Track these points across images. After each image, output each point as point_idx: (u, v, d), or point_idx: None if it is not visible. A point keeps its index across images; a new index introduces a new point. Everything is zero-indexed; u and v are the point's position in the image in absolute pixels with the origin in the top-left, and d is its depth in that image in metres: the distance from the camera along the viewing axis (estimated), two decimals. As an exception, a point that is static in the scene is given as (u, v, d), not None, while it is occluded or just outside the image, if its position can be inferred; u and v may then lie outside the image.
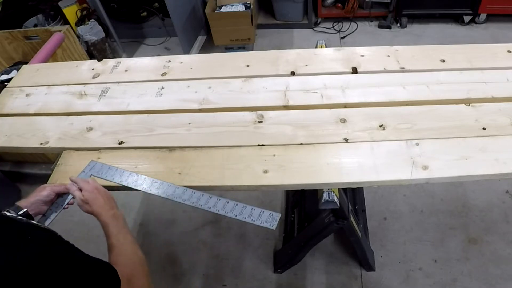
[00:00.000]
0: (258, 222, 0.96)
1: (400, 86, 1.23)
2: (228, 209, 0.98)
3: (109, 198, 0.96)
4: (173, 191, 1.00)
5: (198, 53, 3.30)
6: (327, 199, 1.09)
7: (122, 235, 0.88)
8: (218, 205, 0.98)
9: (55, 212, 0.99)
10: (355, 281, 1.77)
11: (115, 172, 1.06)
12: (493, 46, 1.39)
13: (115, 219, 0.91)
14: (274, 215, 0.96)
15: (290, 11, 3.39)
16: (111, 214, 0.92)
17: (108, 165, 1.08)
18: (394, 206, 2.03)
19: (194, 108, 1.25)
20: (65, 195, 1.02)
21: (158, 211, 2.16)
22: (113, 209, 0.93)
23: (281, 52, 1.44)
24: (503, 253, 1.80)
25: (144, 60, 1.49)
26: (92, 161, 1.10)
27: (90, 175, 1.06)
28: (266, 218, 0.96)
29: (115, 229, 0.89)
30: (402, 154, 1.03)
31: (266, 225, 0.95)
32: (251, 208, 0.97)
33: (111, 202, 0.95)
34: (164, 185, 1.02)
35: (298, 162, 1.04)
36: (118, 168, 1.07)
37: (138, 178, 1.05)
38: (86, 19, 2.97)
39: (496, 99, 1.18)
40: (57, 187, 1.01)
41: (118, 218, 0.92)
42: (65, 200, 1.01)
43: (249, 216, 0.96)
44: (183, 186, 1.01)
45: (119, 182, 1.04)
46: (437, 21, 3.33)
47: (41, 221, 0.97)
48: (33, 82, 1.45)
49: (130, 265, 0.81)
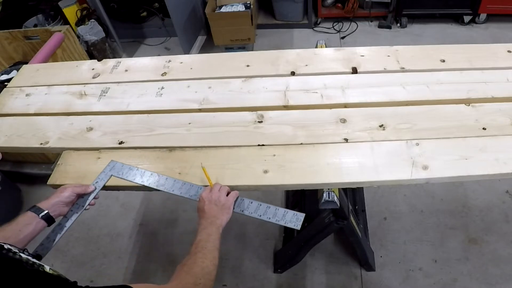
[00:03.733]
0: (283, 222, 0.96)
1: (400, 86, 1.23)
2: (252, 209, 0.99)
3: (223, 208, 0.95)
4: (195, 191, 1.00)
5: (198, 53, 3.30)
6: (327, 199, 1.09)
7: (211, 244, 0.87)
8: (241, 205, 0.99)
9: (76, 213, 0.99)
10: (355, 281, 1.77)
11: (136, 173, 1.05)
12: (493, 46, 1.39)
13: (214, 226, 0.91)
14: (297, 215, 0.97)
15: (290, 11, 3.39)
16: (215, 222, 0.92)
17: (129, 165, 1.07)
18: (394, 206, 2.03)
19: (194, 108, 1.25)
20: (85, 196, 1.01)
21: (158, 211, 2.16)
22: (218, 218, 0.93)
23: (281, 52, 1.44)
24: (503, 253, 1.79)
25: (144, 60, 1.49)
26: (112, 161, 1.08)
27: (110, 176, 1.05)
28: (290, 218, 0.96)
29: (207, 236, 0.88)
30: (402, 154, 1.03)
31: (291, 225, 0.96)
32: (275, 208, 0.98)
33: (223, 212, 0.95)
34: (186, 185, 1.01)
35: (298, 162, 1.04)
36: (139, 168, 1.06)
37: (160, 178, 1.03)
38: (86, 19, 2.96)
39: (496, 99, 1.18)
40: (77, 187, 1.00)
41: (218, 228, 0.92)
42: (86, 201, 1.00)
43: (274, 217, 0.97)
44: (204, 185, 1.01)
45: (141, 183, 1.03)
46: (437, 21, 3.33)
47: (62, 222, 0.97)
48: (33, 82, 1.44)
49: (197, 277, 0.79)
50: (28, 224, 0.89)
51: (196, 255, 0.84)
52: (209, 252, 0.85)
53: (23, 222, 0.89)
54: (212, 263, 0.83)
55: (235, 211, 0.98)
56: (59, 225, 0.97)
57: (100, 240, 2.02)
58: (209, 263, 0.83)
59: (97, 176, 1.05)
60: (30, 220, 0.90)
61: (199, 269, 0.80)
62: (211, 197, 0.95)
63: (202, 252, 0.84)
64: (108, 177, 1.05)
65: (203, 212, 0.94)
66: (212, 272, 0.82)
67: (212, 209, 0.94)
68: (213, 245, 0.87)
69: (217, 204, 0.95)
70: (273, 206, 0.99)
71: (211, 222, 0.92)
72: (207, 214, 0.93)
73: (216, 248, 0.87)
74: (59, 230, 0.96)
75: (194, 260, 0.82)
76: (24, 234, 0.87)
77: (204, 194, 0.97)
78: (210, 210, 0.94)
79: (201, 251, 0.84)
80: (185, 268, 0.81)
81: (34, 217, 0.91)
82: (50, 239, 0.94)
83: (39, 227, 0.91)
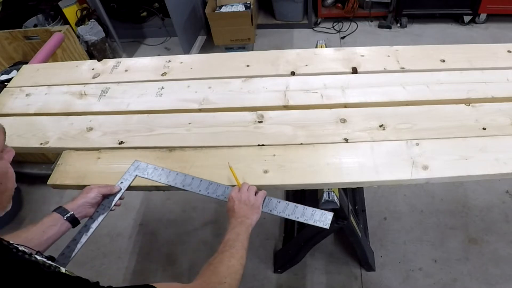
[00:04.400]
0: (311, 221, 0.96)
1: (400, 86, 1.23)
2: (280, 209, 0.98)
3: (253, 207, 0.95)
4: (222, 191, 1.00)
5: (198, 53, 3.30)
6: (327, 199, 1.09)
7: (239, 244, 0.86)
8: (269, 205, 0.99)
9: (103, 214, 0.98)
10: (355, 281, 1.77)
11: (161, 172, 1.04)
12: (493, 46, 1.39)
13: (243, 226, 0.90)
14: (326, 214, 0.97)
15: (290, 11, 3.39)
16: (245, 221, 0.92)
17: (153, 165, 1.06)
18: (394, 206, 2.03)
19: (194, 108, 1.25)
20: (111, 197, 1.00)
21: (158, 211, 2.15)
22: (248, 218, 0.93)
23: (281, 52, 1.44)
24: (503, 253, 1.79)
25: (144, 60, 1.49)
26: (136, 161, 1.07)
27: (135, 176, 1.04)
28: (319, 217, 0.96)
29: (236, 235, 0.88)
30: (402, 154, 1.03)
31: (320, 224, 0.96)
32: (303, 207, 0.98)
33: (253, 212, 0.94)
34: (213, 185, 1.01)
35: (298, 162, 1.04)
36: (164, 168, 1.05)
37: (186, 177, 1.02)
38: (86, 19, 2.96)
39: (496, 99, 1.18)
40: (103, 188, 0.99)
41: (247, 227, 0.91)
42: (112, 202, 1.00)
43: (302, 216, 0.97)
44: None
45: (167, 183, 1.02)
46: (437, 21, 3.33)
47: (88, 223, 0.96)
48: (33, 82, 1.44)
49: (222, 276, 0.78)
50: (53, 225, 0.89)
51: (224, 254, 0.83)
52: (237, 251, 0.84)
53: (48, 223, 0.89)
54: (239, 262, 0.83)
55: (264, 211, 0.98)
56: (85, 226, 0.96)
57: (100, 240, 2.02)
58: (236, 262, 0.82)
59: (122, 176, 1.04)
60: (55, 222, 0.90)
61: (225, 268, 0.80)
62: (241, 197, 0.95)
63: (229, 251, 0.84)
64: (133, 177, 1.04)
65: (233, 212, 0.94)
66: (239, 271, 0.82)
67: (242, 208, 0.93)
68: (241, 244, 0.86)
69: (247, 203, 0.94)
70: (300, 206, 0.98)
71: (241, 222, 0.91)
72: (237, 214, 0.93)
73: (244, 247, 0.86)
74: (85, 231, 0.95)
75: (221, 259, 0.82)
76: (47, 236, 0.87)
77: (234, 194, 0.96)
78: (240, 210, 0.93)
79: (229, 250, 0.84)
80: (211, 267, 0.80)
81: (59, 218, 0.90)
82: (77, 241, 0.93)
83: (63, 229, 0.91)
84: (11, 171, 0.63)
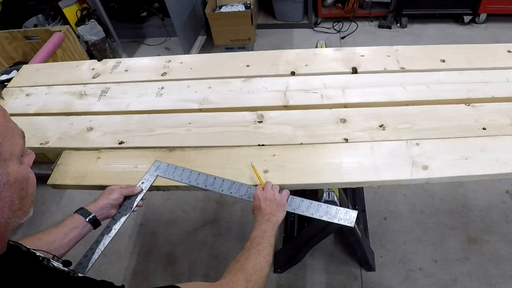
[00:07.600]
0: (336, 220, 0.96)
1: (400, 86, 1.23)
2: (304, 208, 0.99)
3: (278, 205, 0.95)
4: (245, 191, 1.00)
5: (198, 53, 3.30)
6: (327, 199, 1.09)
7: (266, 241, 0.86)
8: (293, 204, 0.99)
9: (125, 215, 0.97)
10: (355, 281, 1.77)
11: (182, 173, 1.03)
12: (493, 46, 1.39)
13: (270, 223, 0.90)
14: (350, 212, 0.97)
15: (290, 11, 3.39)
16: (272, 218, 0.92)
17: (174, 165, 1.05)
18: (394, 206, 2.03)
19: (194, 108, 1.25)
20: (132, 197, 0.99)
21: (158, 211, 2.16)
22: (275, 215, 0.93)
23: (281, 52, 1.44)
24: (503, 253, 1.79)
25: (144, 60, 1.49)
26: (156, 161, 1.07)
27: (156, 176, 1.04)
28: (343, 216, 0.96)
29: (262, 233, 0.88)
30: (402, 154, 1.03)
31: (345, 223, 0.95)
32: (326, 206, 0.98)
33: (279, 209, 0.95)
34: (235, 185, 1.00)
35: (298, 162, 1.04)
36: (185, 168, 1.05)
37: (208, 177, 1.02)
38: (86, 19, 2.97)
39: (496, 99, 1.18)
40: (124, 189, 0.98)
41: (274, 224, 0.91)
42: (134, 202, 0.99)
43: (325, 214, 0.97)
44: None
45: (188, 183, 1.02)
46: (437, 21, 3.33)
47: (110, 224, 0.95)
48: (33, 82, 1.45)
49: (248, 273, 0.78)
50: (75, 227, 0.88)
51: (250, 251, 0.83)
52: (263, 248, 0.84)
53: (70, 225, 0.88)
54: (265, 259, 0.83)
55: (288, 209, 0.98)
56: (107, 227, 0.95)
57: (100, 240, 2.02)
58: (262, 259, 0.82)
59: (142, 176, 1.03)
60: (77, 224, 0.89)
61: (251, 266, 0.80)
62: (266, 195, 0.95)
63: (256, 248, 0.84)
64: (154, 178, 1.03)
65: (259, 210, 0.94)
66: (265, 268, 0.82)
67: (268, 206, 0.94)
68: (268, 241, 0.86)
69: (273, 201, 0.95)
70: (323, 204, 0.98)
71: (268, 219, 0.91)
72: (263, 211, 0.93)
73: (270, 245, 0.87)
74: (107, 232, 0.94)
75: (247, 256, 0.82)
76: (69, 238, 0.86)
77: (259, 192, 0.96)
78: (267, 207, 0.93)
79: (256, 247, 0.84)
80: (237, 265, 0.80)
81: (81, 220, 0.89)
82: (99, 242, 0.92)
83: (85, 231, 0.90)
84: (32, 176, 0.62)
